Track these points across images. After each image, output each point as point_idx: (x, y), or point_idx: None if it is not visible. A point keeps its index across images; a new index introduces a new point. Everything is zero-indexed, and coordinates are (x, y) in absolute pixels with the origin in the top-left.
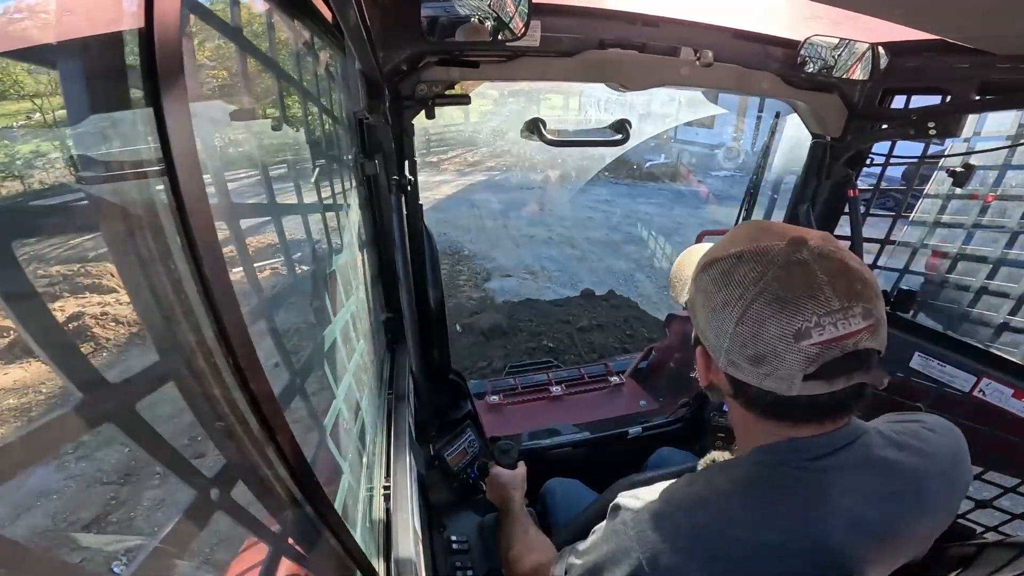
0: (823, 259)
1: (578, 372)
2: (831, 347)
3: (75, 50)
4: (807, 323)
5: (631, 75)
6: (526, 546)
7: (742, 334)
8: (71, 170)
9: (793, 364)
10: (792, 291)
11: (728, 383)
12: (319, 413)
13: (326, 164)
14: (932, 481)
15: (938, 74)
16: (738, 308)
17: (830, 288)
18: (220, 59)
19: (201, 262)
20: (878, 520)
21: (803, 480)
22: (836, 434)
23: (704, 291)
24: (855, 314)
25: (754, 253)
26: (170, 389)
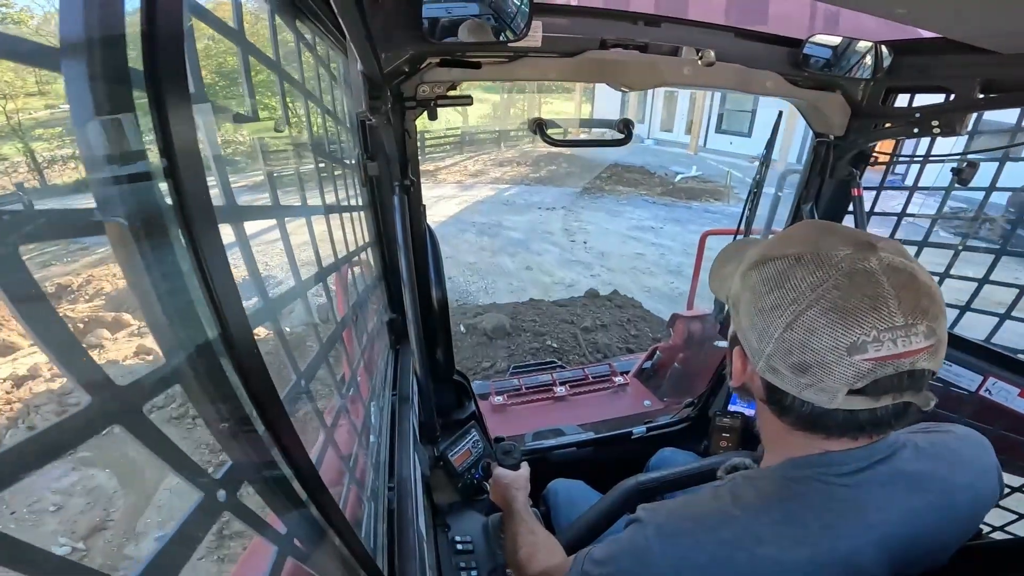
0: (892, 271)
1: (582, 372)
2: (886, 364)
3: (78, 52)
4: (865, 337)
5: (633, 75)
6: (535, 547)
7: (789, 340)
8: (75, 172)
9: (841, 378)
10: (853, 302)
11: (764, 388)
12: (324, 414)
13: (329, 165)
14: (962, 494)
15: (941, 72)
16: (790, 313)
17: (896, 302)
18: (222, 60)
19: (205, 264)
20: (908, 535)
21: (835, 496)
22: (873, 447)
23: (752, 290)
24: (918, 332)
25: (815, 256)
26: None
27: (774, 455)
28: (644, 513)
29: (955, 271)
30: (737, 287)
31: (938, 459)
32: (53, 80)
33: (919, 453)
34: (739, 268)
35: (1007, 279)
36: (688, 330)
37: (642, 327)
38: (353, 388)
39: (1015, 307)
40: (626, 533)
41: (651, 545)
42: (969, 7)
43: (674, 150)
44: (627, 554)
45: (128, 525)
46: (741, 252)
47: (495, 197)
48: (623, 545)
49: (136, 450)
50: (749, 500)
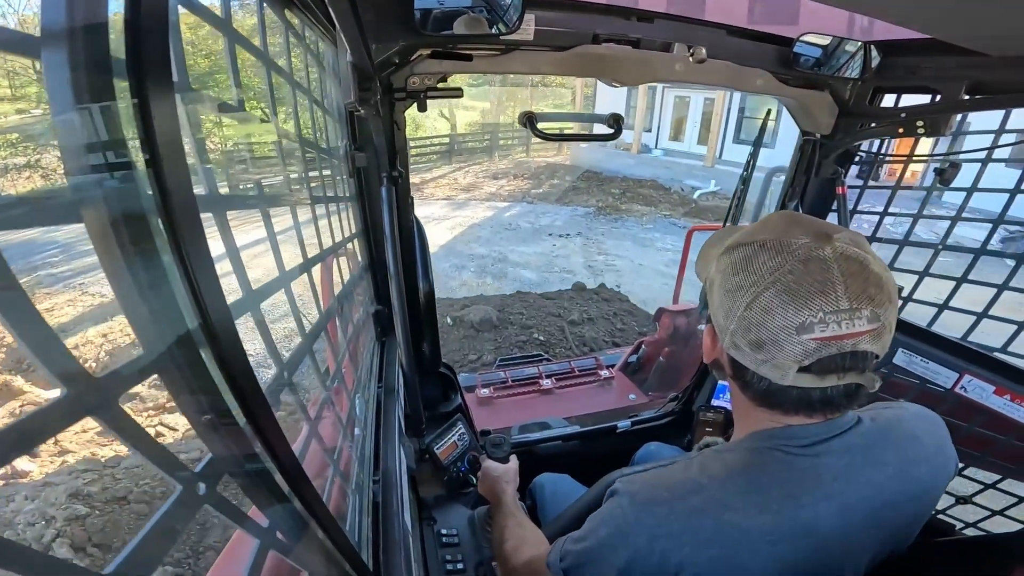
0: (844, 259)
1: (568, 366)
2: (830, 344)
3: (59, 39)
4: (812, 318)
5: (624, 70)
6: (521, 539)
7: (748, 319)
8: (54, 161)
9: (790, 354)
10: (804, 286)
11: (729, 364)
12: (307, 406)
13: (316, 156)
14: (918, 467)
15: (928, 73)
16: (750, 294)
17: (843, 287)
18: (208, 49)
19: (186, 254)
20: (867, 506)
21: (795, 465)
22: (831, 423)
23: (723, 272)
24: (861, 316)
25: (777, 244)
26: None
27: (741, 430)
28: (620, 485)
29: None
30: (712, 270)
31: (891, 433)
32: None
33: (873, 428)
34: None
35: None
36: (674, 324)
37: (628, 321)
38: (338, 380)
39: (992, 306)
40: (604, 506)
41: (626, 514)
42: (957, 8)
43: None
44: (604, 525)
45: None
46: (725, 238)
47: (494, 219)
48: (601, 517)
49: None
50: (716, 471)
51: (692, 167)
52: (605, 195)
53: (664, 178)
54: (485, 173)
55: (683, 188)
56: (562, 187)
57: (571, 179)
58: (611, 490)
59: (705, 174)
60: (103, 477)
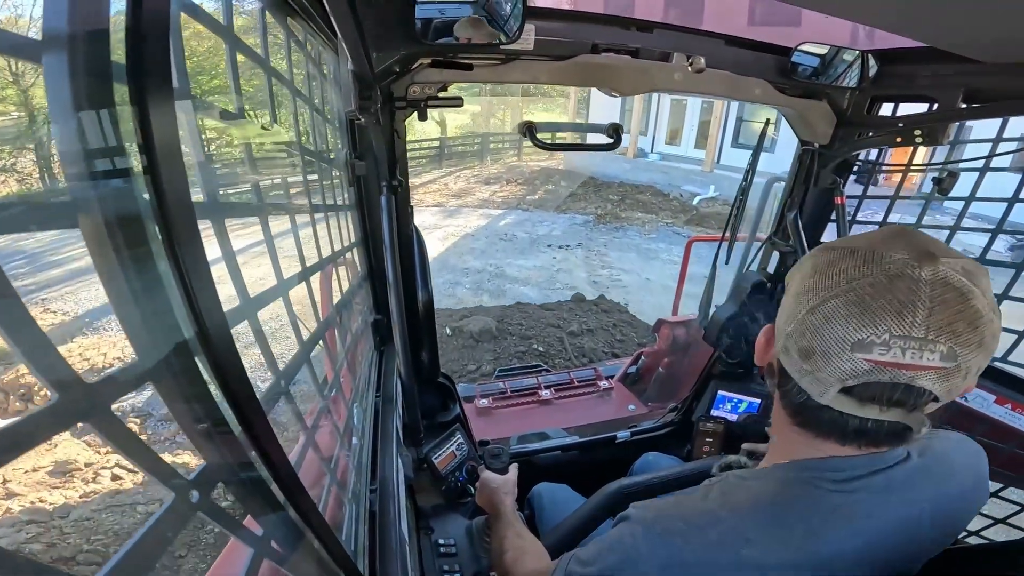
0: (941, 285)
1: (568, 376)
2: (883, 370)
3: (60, 44)
4: (875, 338)
5: (624, 80)
6: (521, 551)
7: (807, 323)
8: (53, 166)
9: (836, 371)
10: (879, 301)
11: (777, 370)
12: (304, 415)
13: (316, 164)
14: (953, 503)
15: (925, 82)
16: (818, 298)
17: (924, 314)
18: (209, 56)
19: (183, 261)
20: (893, 543)
21: (826, 502)
22: (875, 457)
23: (802, 271)
24: (935, 350)
25: (869, 253)
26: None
27: (775, 453)
28: (634, 511)
29: None
30: (796, 267)
31: (934, 470)
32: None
33: (919, 464)
34: None
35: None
36: (673, 335)
37: (628, 332)
38: (335, 389)
39: None
40: (614, 531)
41: (638, 544)
42: (955, 17)
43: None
44: (614, 552)
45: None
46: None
47: (489, 228)
48: (610, 542)
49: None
50: (739, 501)
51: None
52: (603, 202)
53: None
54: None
55: (682, 194)
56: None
57: (567, 184)
58: (623, 515)
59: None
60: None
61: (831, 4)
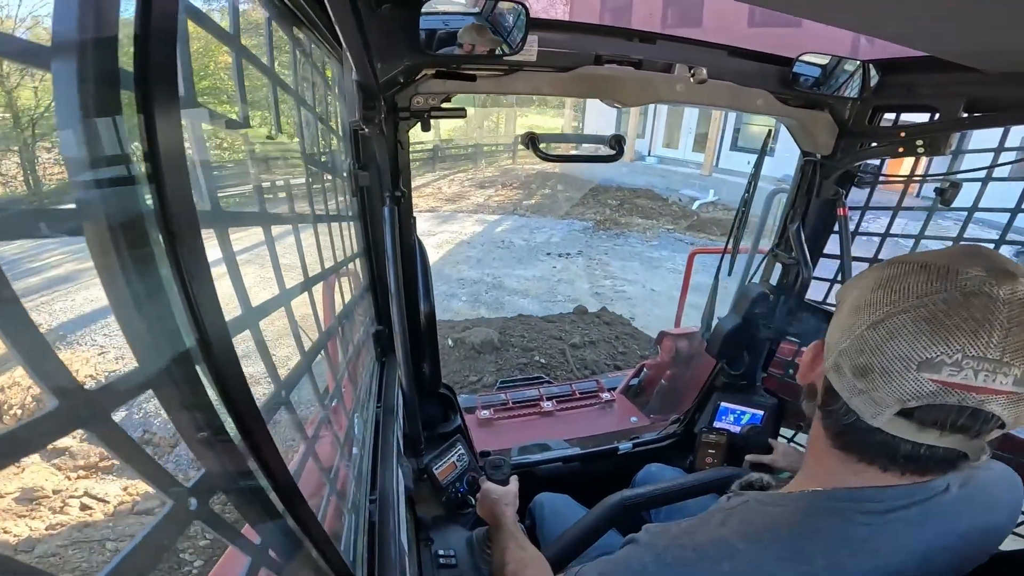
0: (1019, 305)
1: (569, 388)
2: (951, 392)
3: (69, 50)
4: (946, 357)
5: (626, 91)
6: (523, 563)
7: (867, 339)
8: (58, 173)
9: (896, 391)
10: (953, 319)
11: (822, 389)
12: (305, 424)
13: (319, 174)
14: (988, 537)
15: (927, 92)
16: (881, 312)
17: (1001, 334)
18: (215, 65)
19: (185, 269)
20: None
21: (854, 534)
22: (915, 488)
23: (862, 286)
24: (1010, 374)
25: (942, 268)
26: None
27: (807, 478)
28: (644, 536)
29: None
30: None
31: (974, 502)
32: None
33: (960, 497)
34: None
35: None
36: (675, 347)
37: (630, 344)
38: (336, 399)
39: None
40: (622, 553)
41: (647, 570)
42: (957, 26)
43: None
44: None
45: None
46: None
47: (485, 234)
48: (617, 565)
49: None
50: (757, 530)
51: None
52: (602, 207)
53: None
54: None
55: (680, 198)
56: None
57: (564, 189)
58: (632, 537)
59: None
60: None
61: (833, 15)
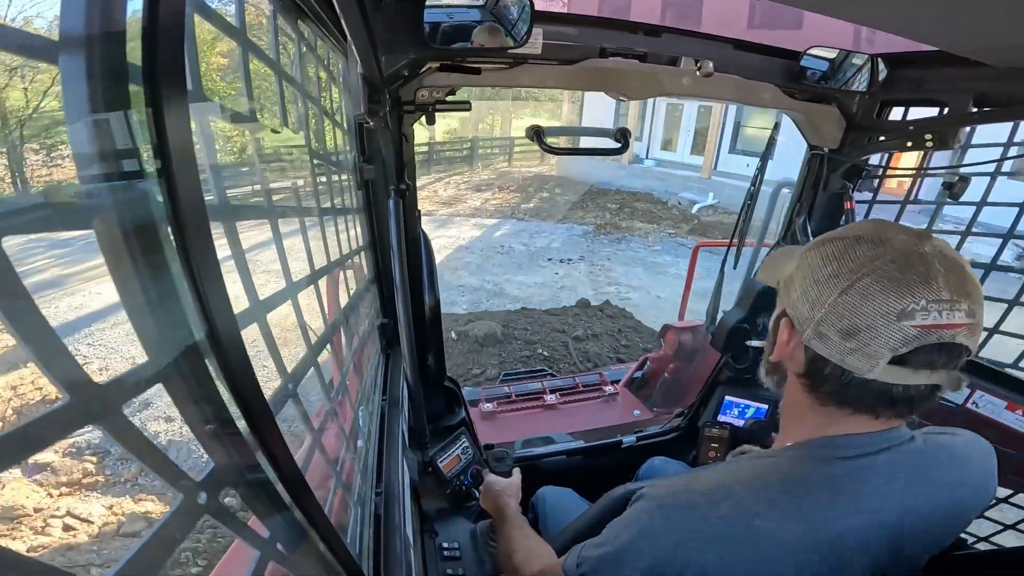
0: (943, 256)
1: (573, 381)
2: (930, 333)
3: (77, 46)
4: (915, 305)
5: (631, 84)
6: (530, 550)
7: (842, 304)
8: (68, 167)
9: (886, 342)
10: (907, 274)
11: (804, 360)
12: (311, 417)
13: (325, 167)
14: (958, 491)
15: (936, 86)
16: (846, 280)
17: (944, 280)
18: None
19: (195, 263)
20: (897, 525)
21: (836, 477)
22: (882, 435)
23: (810, 265)
24: (960, 309)
25: (875, 238)
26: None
27: (788, 436)
28: (648, 490)
29: None
30: (792, 268)
31: (938, 457)
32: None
33: (923, 449)
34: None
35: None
36: (679, 341)
37: (633, 337)
38: (342, 392)
39: (1003, 322)
40: (628, 511)
41: (653, 520)
42: (966, 20)
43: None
44: (628, 530)
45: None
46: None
47: (483, 240)
48: (625, 522)
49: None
50: (749, 477)
51: (687, 179)
52: (601, 211)
53: (659, 190)
54: (467, 185)
55: (680, 201)
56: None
57: (561, 192)
58: (636, 495)
59: (701, 186)
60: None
61: (842, 9)
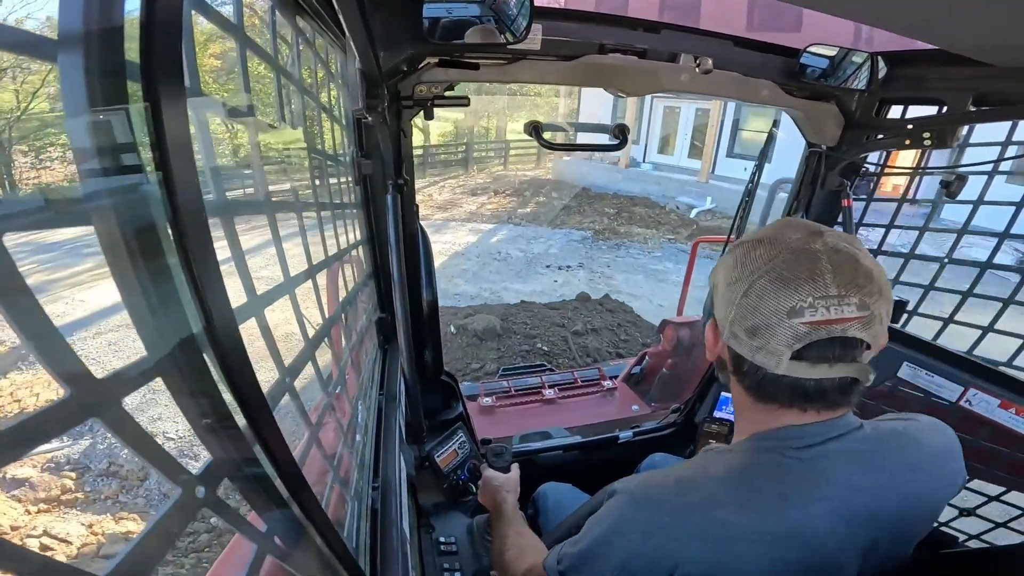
0: (833, 252)
1: (571, 376)
2: (819, 328)
3: (75, 43)
4: (802, 303)
5: (630, 80)
6: (522, 549)
7: (744, 306)
8: (67, 163)
9: (782, 339)
10: (795, 273)
11: (729, 358)
12: (309, 411)
13: (323, 163)
14: (915, 472)
15: (935, 84)
16: (746, 282)
17: (831, 276)
18: (220, 55)
19: (193, 258)
20: (859, 509)
21: (789, 467)
22: (829, 424)
23: (724, 268)
24: (850, 303)
25: (773, 239)
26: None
27: (741, 431)
28: (619, 485)
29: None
30: (716, 268)
31: (893, 440)
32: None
33: (874, 435)
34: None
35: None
36: (677, 336)
37: (632, 332)
38: (340, 386)
39: (997, 320)
40: (603, 507)
41: (623, 512)
42: (966, 20)
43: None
44: (600, 525)
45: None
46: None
47: (480, 246)
48: (598, 518)
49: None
50: (714, 470)
51: (684, 183)
52: (599, 216)
53: (656, 195)
54: (462, 188)
55: (678, 206)
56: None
57: (558, 196)
58: (610, 491)
59: (699, 191)
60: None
61: (843, 6)
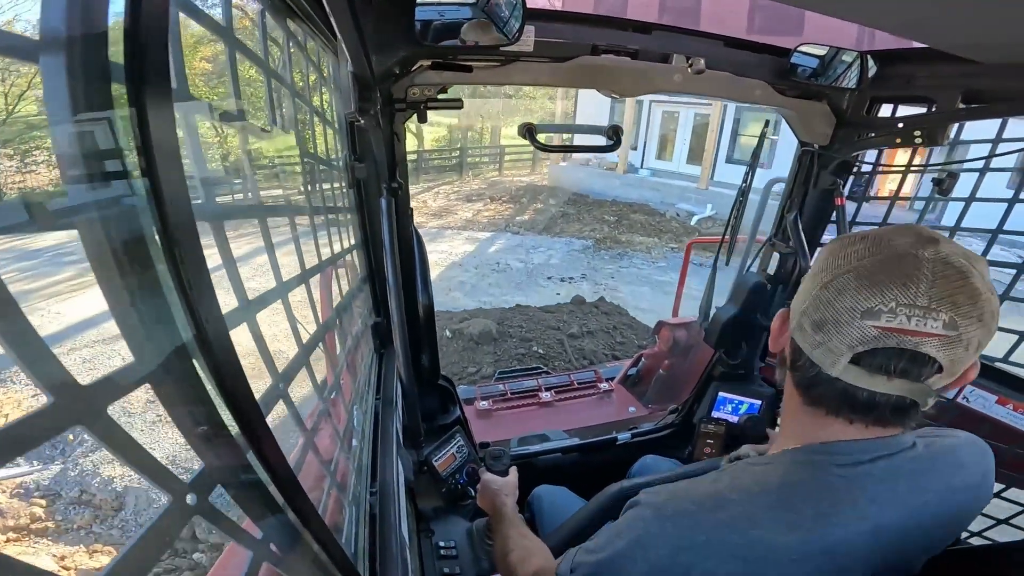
0: (942, 263)
1: (568, 378)
2: (890, 336)
3: (58, 45)
4: (883, 306)
5: (624, 81)
6: (526, 550)
7: (820, 297)
8: (51, 168)
9: (846, 338)
10: (886, 275)
11: (790, 349)
12: (304, 417)
13: (316, 167)
14: (958, 495)
15: (924, 83)
16: (830, 275)
17: (926, 286)
18: (209, 58)
19: (181, 263)
20: (900, 531)
21: (832, 484)
22: (878, 442)
23: (818, 257)
24: (937, 319)
25: (876, 238)
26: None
27: (784, 439)
28: (644, 496)
29: None
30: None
31: (938, 461)
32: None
33: (925, 455)
34: None
35: None
36: (673, 337)
37: (628, 334)
38: (335, 391)
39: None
40: (623, 517)
41: (649, 527)
42: (955, 18)
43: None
44: (622, 537)
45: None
46: None
47: (477, 255)
48: (620, 528)
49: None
50: (746, 485)
51: (684, 189)
52: (599, 223)
53: (655, 201)
54: (457, 195)
55: (678, 213)
56: (548, 213)
57: (555, 203)
58: (632, 501)
59: (699, 197)
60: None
61: (832, 5)
